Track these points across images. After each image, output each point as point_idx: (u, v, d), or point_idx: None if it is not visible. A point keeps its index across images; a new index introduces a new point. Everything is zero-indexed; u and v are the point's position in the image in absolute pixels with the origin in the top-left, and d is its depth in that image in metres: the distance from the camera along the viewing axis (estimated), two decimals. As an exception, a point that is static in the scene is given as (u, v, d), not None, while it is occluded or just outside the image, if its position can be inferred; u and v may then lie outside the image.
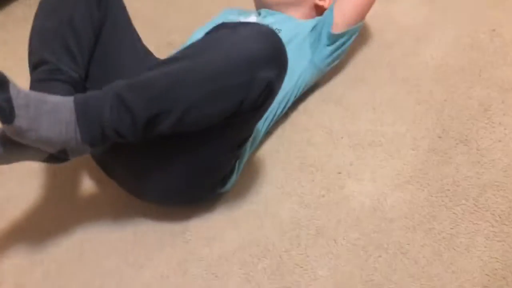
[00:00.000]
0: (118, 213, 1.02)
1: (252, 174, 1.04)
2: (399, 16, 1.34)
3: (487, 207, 0.92)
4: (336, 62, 1.18)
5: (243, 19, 1.16)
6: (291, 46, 1.07)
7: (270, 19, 1.13)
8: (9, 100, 0.68)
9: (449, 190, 0.96)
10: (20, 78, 1.17)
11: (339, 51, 1.15)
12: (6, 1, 1.60)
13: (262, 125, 1.02)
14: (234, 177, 0.98)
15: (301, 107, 1.17)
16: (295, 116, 1.15)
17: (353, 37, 1.17)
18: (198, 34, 1.16)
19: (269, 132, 1.11)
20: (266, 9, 1.18)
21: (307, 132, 1.11)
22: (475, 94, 1.13)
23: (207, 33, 0.80)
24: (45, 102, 0.72)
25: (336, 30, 1.11)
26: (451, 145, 1.04)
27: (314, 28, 1.12)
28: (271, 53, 0.74)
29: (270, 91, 0.77)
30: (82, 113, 0.71)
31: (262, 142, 1.10)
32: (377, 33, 1.30)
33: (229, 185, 0.97)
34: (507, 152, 1.01)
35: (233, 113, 0.75)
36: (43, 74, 0.83)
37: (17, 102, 0.69)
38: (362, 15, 1.16)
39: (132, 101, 0.71)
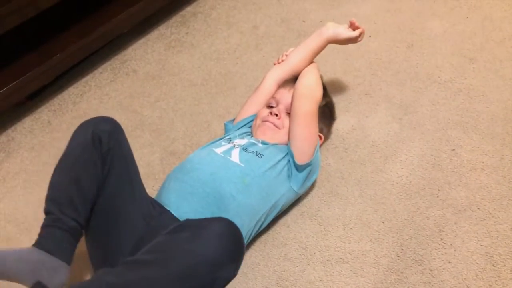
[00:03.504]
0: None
1: (235, 287, 1.21)
2: (372, 131, 1.52)
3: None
4: (312, 181, 1.36)
5: (238, 138, 1.36)
6: (271, 173, 1.26)
7: (257, 146, 1.32)
8: None
9: (402, 309, 1.12)
10: (42, 182, 1.36)
11: (311, 172, 1.32)
12: (33, 107, 1.85)
13: None
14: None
15: (282, 220, 1.34)
16: (275, 229, 1.32)
17: (317, 155, 1.34)
18: (200, 151, 1.34)
19: (251, 244, 1.29)
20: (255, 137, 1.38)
21: (285, 246, 1.28)
22: (432, 215, 1.29)
23: (175, 230, 0.97)
24: None
25: (300, 161, 1.28)
26: (408, 264, 1.20)
27: (287, 157, 1.30)
28: (230, 254, 0.92)
29: (229, 281, 0.95)
30: None
31: (244, 255, 1.26)
32: (351, 148, 1.49)
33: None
34: (455, 273, 1.17)
35: None
36: (48, 221, 1.05)
37: None
38: (313, 142, 1.32)
39: None
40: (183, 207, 1.18)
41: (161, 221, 1.14)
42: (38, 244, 1.05)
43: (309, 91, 1.33)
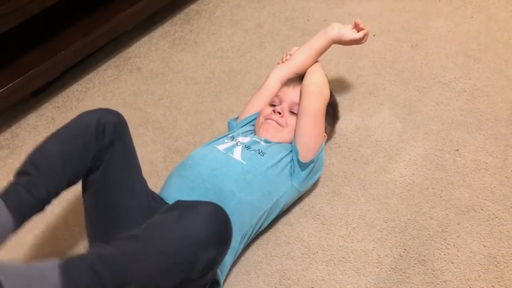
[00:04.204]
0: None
1: (238, 285, 1.21)
2: (376, 130, 1.52)
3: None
4: (314, 180, 1.36)
5: (241, 136, 1.36)
6: (273, 170, 1.26)
7: (260, 144, 1.31)
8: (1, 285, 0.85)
9: (404, 309, 1.12)
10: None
11: (313, 170, 1.32)
12: (38, 104, 1.86)
13: (239, 242, 1.19)
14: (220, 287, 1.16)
15: (284, 219, 1.34)
16: (278, 228, 1.32)
17: (322, 155, 1.34)
18: (202, 148, 1.34)
19: (254, 243, 1.29)
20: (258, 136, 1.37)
21: (288, 245, 1.28)
22: (435, 215, 1.29)
23: (166, 210, 0.99)
24: (33, 271, 0.88)
25: (304, 159, 1.29)
26: (410, 264, 1.20)
27: (290, 156, 1.30)
28: (212, 237, 0.93)
29: (211, 267, 0.96)
30: (66, 279, 0.89)
31: (247, 253, 1.27)
32: (355, 147, 1.48)
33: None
34: (458, 274, 1.17)
35: (182, 281, 0.94)
36: (21, 180, 1.01)
37: (8, 282, 0.85)
38: (319, 140, 1.33)
39: (102, 273, 0.90)
40: None
41: None
42: (2, 195, 1.00)
43: (318, 89, 1.33)
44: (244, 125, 1.44)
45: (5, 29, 1.55)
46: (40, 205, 1.03)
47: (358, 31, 1.49)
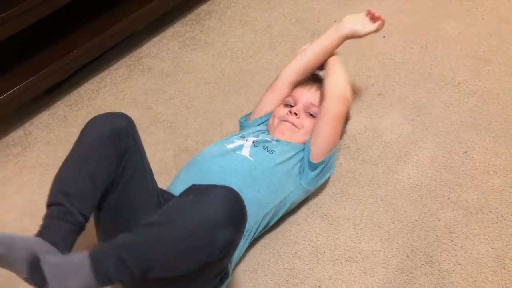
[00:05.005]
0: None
1: (245, 283, 1.22)
2: (384, 131, 1.53)
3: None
4: (324, 180, 1.37)
5: (253, 136, 1.37)
6: (281, 168, 1.27)
7: (270, 143, 1.33)
8: (44, 279, 0.90)
9: (411, 309, 1.12)
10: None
11: (323, 171, 1.33)
12: (50, 102, 1.88)
13: (245, 237, 1.20)
14: (229, 278, 1.16)
15: (292, 218, 1.35)
16: (286, 227, 1.33)
17: (334, 157, 1.36)
18: (212, 146, 1.36)
19: (262, 242, 1.30)
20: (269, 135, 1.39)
21: (295, 244, 1.29)
22: (443, 216, 1.29)
23: (181, 195, 1.03)
24: (69, 264, 0.93)
25: (315, 159, 1.30)
26: (417, 265, 1.20)
27: (300, 155, 1.31)
28: (228, 216, 0.94)
29: (229, 247, 0.97)
30: (96, 269, 0.94)
31: (254, 251, 1.28)
32: (363, 148, 1.49)
33: (223, 286, 1.15)
34: (465, 276, 1.17)
35: (205, 264, 0.96)
36: (56, 213, 1.03)
37: (49, 275, 0.90)
38: (334, 143, 1.34)
39: (129, 261, 0.94)
40: None
41: None
42: (43, 234, 1.02)
43: (343, 93, 1.34)
44: (256, 125, 1.46)
45: (19, 28, 1.58)
46: (81, 228, 1.06)
47: (373, 21, 1.46)
